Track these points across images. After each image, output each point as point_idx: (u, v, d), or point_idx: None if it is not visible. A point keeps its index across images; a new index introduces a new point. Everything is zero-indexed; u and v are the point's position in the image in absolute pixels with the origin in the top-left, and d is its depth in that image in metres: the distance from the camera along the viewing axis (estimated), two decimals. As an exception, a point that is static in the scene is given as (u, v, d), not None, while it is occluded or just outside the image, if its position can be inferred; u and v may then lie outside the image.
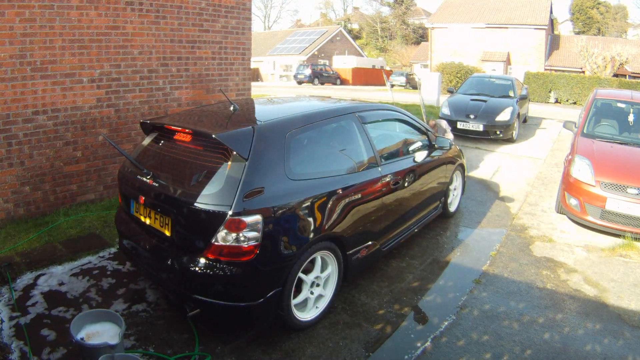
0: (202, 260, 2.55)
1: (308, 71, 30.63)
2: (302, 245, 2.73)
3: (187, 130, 2.96)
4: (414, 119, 4.37)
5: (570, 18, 45.47)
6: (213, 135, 2.61)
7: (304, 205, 2.77)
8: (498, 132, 8.85)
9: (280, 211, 2.63)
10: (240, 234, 2.47)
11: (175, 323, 2.93)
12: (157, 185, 2.84)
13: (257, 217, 2.50)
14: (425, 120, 7.80)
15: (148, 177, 2.90)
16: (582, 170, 4.86)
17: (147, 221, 2.94)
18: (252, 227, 2.49)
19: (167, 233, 2.77)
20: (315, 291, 3.00)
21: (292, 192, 2.73)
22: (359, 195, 3.20)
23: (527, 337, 2.96)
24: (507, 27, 28.41)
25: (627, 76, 25.57)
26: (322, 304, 3.06)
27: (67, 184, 4.68)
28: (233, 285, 2.56)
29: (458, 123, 9.03)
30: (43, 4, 4.19)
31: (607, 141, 5.47)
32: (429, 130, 4.51)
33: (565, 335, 3.01)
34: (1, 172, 4.16)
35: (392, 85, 22.32)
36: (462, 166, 5.15)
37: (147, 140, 3.32)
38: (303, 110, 3.32)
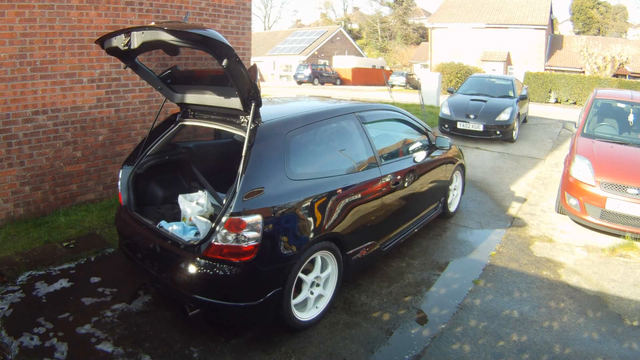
0: (202, 261, 2.55)
1: (308, 71, 30.59)
2: (302, 245, 2.74)
3: None
4: (413, 119, 4.37)
5: (570, 18, 45.47)
6: None
7: (303, 206, 2.77)
8: (498, 132, 8.85)
9: (280, 211, 2.63)
10: (240, 234, 2.47)
11: (175, 323, 2.93)
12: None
13: (257, 217, 2.50)
14: (424, 121, 7.80)
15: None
16: (582, 171, 4.86)
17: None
18: (252, 227, 2.49)
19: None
20: (315, 291, 3.00)
21: (292, 192, 2.73)
22: (359, 195, 3.20)
23: (527, 338, 2.96)
24: (507, 27, 28.41)
25: (627, 76, 25.57)
26: (322, 304, 3.06)
27: (67, 184, 4.68)
28: (233, 285, 2.56)
29: (458, 123, 9.04)
30: (43, 4, 4.19)
31: (607, 141, 5.46)
32: (429, 130, 4.52)
33: (566, 336, 3.01)
34: (1, 172, 4.16)
35: (392, 86, 22.33)
36: (462, 166, 5.15)
37: None
38: (303, 110, 3.32)
